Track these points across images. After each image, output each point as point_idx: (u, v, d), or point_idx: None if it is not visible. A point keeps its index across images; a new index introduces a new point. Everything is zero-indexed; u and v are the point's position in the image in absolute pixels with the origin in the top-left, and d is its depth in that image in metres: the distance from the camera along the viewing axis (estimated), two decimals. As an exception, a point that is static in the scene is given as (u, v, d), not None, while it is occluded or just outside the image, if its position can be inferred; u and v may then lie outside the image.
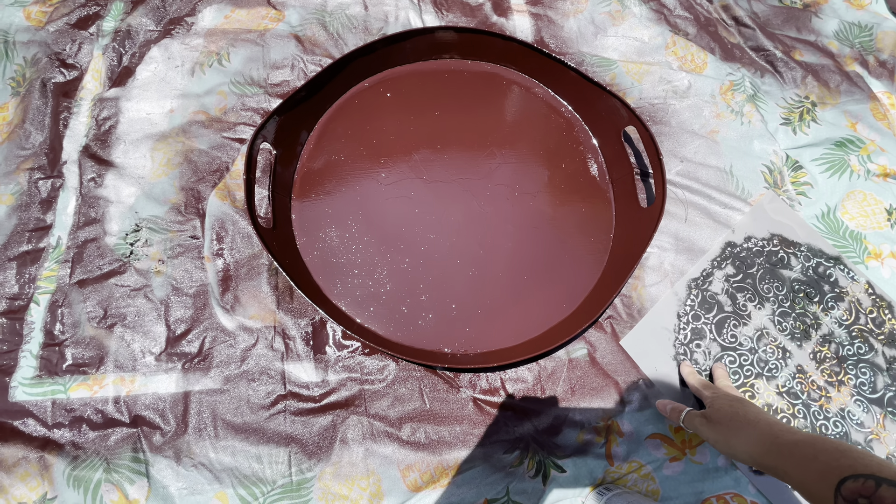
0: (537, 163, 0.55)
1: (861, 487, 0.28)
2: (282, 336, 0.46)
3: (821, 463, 0.30)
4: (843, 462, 0.29)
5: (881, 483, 0.27)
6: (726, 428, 0.36)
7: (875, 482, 0.27)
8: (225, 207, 0.50)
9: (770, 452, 0.33)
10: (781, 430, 0.34)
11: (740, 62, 0.62)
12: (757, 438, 0.34)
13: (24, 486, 0.41)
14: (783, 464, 0.32)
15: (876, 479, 0.27)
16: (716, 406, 0.38)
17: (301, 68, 0.57)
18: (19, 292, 0.47)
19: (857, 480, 0.28)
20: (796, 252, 0.53)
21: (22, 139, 0.52)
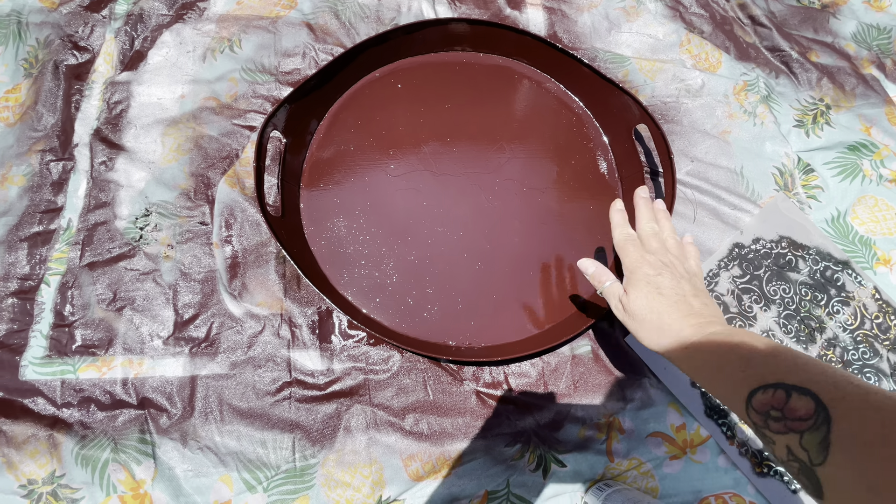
0: (547, 158, 0.55)
1: (772, 399, 0.26)
2: (288, 324, 0.46)
3: (726, 374, 0.29)
4: (749, 372, 0.27)
5: (791, 392, 0.25)
6: (639, 324, 0.35)
7: (785, 392, 0.25)
8: (234, 195, 0.50)
9: (678, 358, 0.32)
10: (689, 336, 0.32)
11: (755, 62, 0.61)
12: (665, 343, 0.33)
13: (34, 462, 0.41)
14: (691, 372, 0.32)
15: (785, 389, 0.25)
16: (635, 299, 0.36)
17: (312, 57, 0.57)
18: (30, 273, 0.47)
19: (767, 392, 0.26)
20: (804, 255, 0.53)
21: (34, 121, 0.52)
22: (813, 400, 0.24)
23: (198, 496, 0.41)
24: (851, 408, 0.23)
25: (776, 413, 0.25)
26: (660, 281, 0.36)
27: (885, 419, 0.22)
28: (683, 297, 0.35)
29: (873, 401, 0.23)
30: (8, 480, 0.41)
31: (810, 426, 0.24)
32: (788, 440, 0.25)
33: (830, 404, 0.24)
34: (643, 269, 0.37)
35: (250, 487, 0.42)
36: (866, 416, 0.23)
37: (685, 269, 0.38)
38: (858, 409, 0.23)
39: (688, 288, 0.36)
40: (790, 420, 0.25)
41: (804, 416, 0.24)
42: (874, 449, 0.22)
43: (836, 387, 0.24)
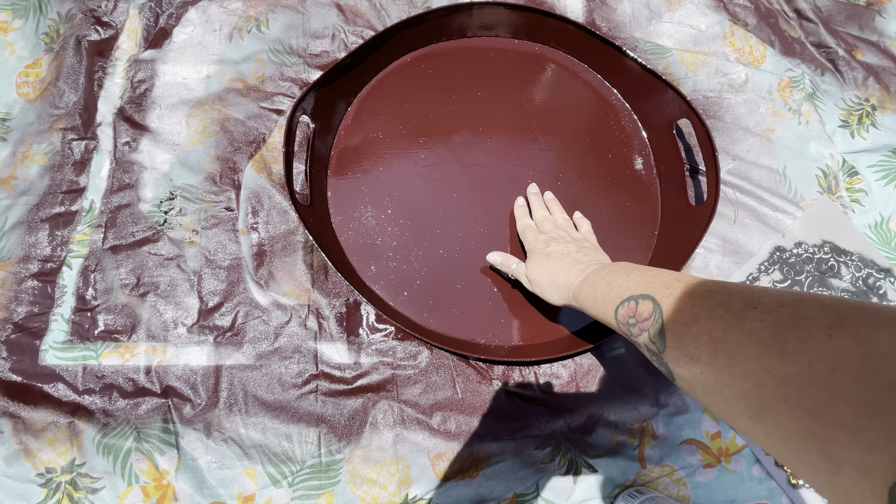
0: (582, 151, 0.53)
1: (628, 310, 0.30)
2: (315, 315, 0.45)
3: (600, 301, 0.33)
4: (612, 294, 0.32)
5: (637, 300, 0.29)
6: (540, 287, 0.41)
7: (635, 301, 0.30)
8: (261, 180, 0.48)
9: (572, 304, 0.37)
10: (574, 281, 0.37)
11: (800, 58, 0.58)
12: (562, 294, 0.38)
13: (53, 451, 0.40)
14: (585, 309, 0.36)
15: (635, 299, 0.30)
16: (532, 268, 0.41)
17: (342, 39, 0.54)
18: (51, 254, 0.46)
19: (624, 305, 0.30)
20: (847, 261, 0.50)
21: (55, 98, 0.50)
22: (651, 301, 0.29)
23: (221, 489, 0.40)
24: (674, 298, 0.27)
25: (632, 320, 0.30)
26: (549, 249, 0.42)
27: (694, 301, 0.26)
28: (568, 254, 0.40)
29: (690, 290, 0.27)
30: (25, 468, 0.40)
31: (652, 322, 0.28)
32: (644, 339, 0.29)
33: (661, 300, 0.28)
34: (537, 247, 0.43)
35: (275, 482, 0.41)
36: (683, 302, 0.27)
37: (571, 237, 0.44)
38: (679, 298, 0.27)
39: (572, 248, 0.41)
40: (641, 322, 0.29)
41: (647, 315, 0.28)
42: (688, 327, 0.26)
43: (667, 286, 0.28)
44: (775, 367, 0.20)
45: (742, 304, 0.24)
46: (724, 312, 0.24)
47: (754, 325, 0.22)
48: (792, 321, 0.21)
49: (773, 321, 0.22)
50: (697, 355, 0.25)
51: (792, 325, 0.21)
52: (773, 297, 0.23)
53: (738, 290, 0.25)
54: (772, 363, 0.21)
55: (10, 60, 0.53)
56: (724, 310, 0.24)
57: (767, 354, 0.21)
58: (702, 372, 0.24)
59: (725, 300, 0.25)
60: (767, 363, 0.21)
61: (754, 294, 0.24)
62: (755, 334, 0.22)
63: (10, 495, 0.39)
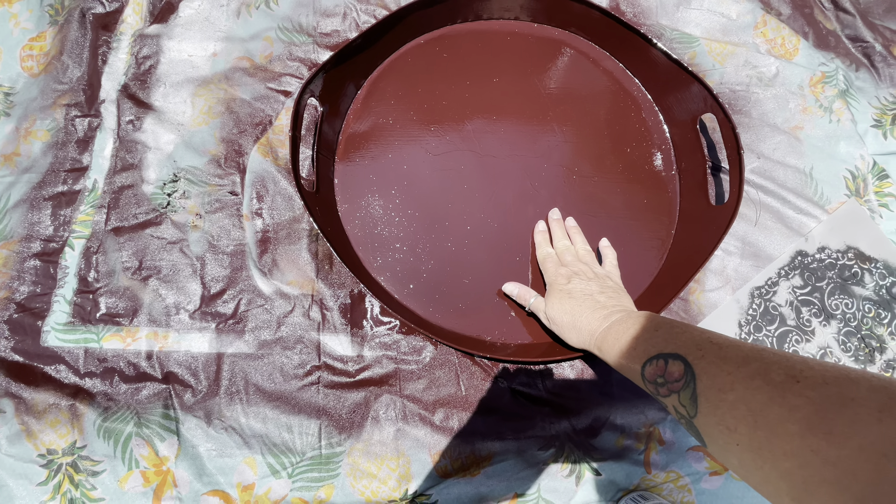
0: (600, 144, 0.49)
1: (656, 369, 0.29)
2: (319, 306, 0.43)
3: (625, 355, 0.31)
4: (639, 350, 0.30)
5: (667, 359, 0.28)
6: (559, 327, 0.39)
7: (664, 360, 0.28)
8: (266, 165, 0.46)
9: (593, 350, 0.36)
10: (597, 328, 0.35)
11: (835, 52, 0.54)
12: (582, 339, 0.37)
13: (54, 432, 0.39)
14: (606, 360, 0.34)
15: (664, 357, 0.28)
16: (552, 306, 0.39)
17: (353, 18, 0.51)
18: (54, 234, 0.44)
19: (652, 363, 0.29)
20: (871, 269, 0.47)
21: (59, 72, 0.48)
22: (682, 362, 0.27)
23: (221, 477, 0.39)
24: (708, 363, 0.26)
25: (661, 380, 0.28)
26: (570, 287, 0.39)
27: (731, 368, 0.25)
28: (591, 295, 0.38)
29: (724, 353, 0.26)
30: (26, 449, 0.39)
31: (683, 385, 0.27)
32: (672, 401, 0.27)
33: (694, 363, 0.26)
34: (558, 281, 0.40)
35: (274, 472, 0.39)
36: (718, 367, 0.25)
37: (594, 273, 0.41)
38: (713, 363, 0.26)
39: (595, 287, 0.39)
40: (670, 383, 0.28)
41: (678, 377, 0.27)
42: (724, 394, 0.24)
43: (699, 347, 0.27)
44: (822, 449, 0.19)
45: (783, 376, 0.22)
46: (764, 383, 0.23)
47: (798, 400, 0.21)
48: (839, 400, 0.20)
49: (818, 398, 0.21)
50: (734, 426, 0.23)
51: (839, 404, 0.20)
52: (817, 372, 0.22)
53: (777, 360, 0.23)
54: (818, 444, 0.19)
55: (15, 33, 0.50)
56: (764, 380, 0.23)
57: (813, 434, 0.20)
58: (738, 444, 0.23)
59: (764, 370, 0.23)
60: (813, 443, 0.19)
61: (795, 366, 0.23)
62: (798, 410, 0.21)
63: (12, 474, 0.38)
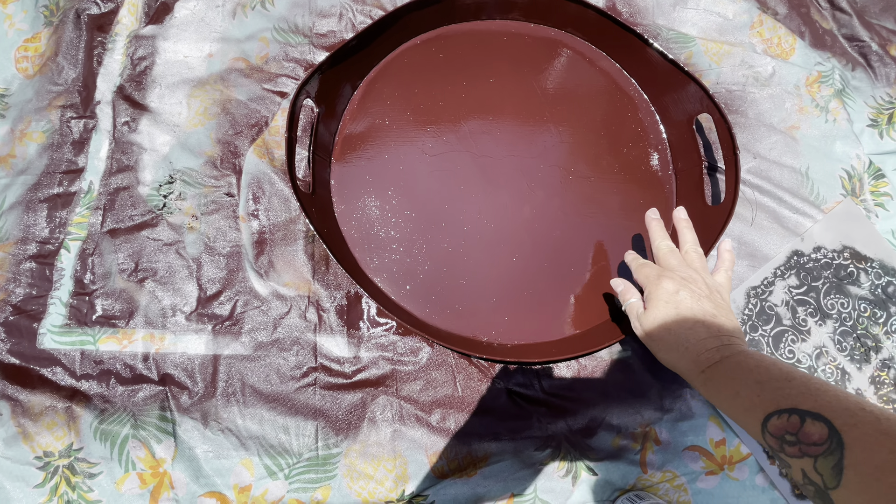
0: (596, 145, 0.49)
1: (786, 424, 0.26)
2: (315, 307, 0.42)
3: (742, 399, 0.28)
4: (764, 397, 0.27)
5: (804, 417, 0.25)
6: (656, 343, 0.34)
7: (799, 417, 0.25)
8: (263, 166, 0.45)
9: (695, 382, 0.32)
10: (706, 360, 0.31)
11: (831, 51, 0.53)
12: (684, 366, 0.32)
13: (50, 435, 0.39)
14: (709, 396, 0.31)
15: (800, 414, 0.25)
16: (652, 318, 0.34)
17: (350, 18, 0.50)
18: (49, 236, 0.43)
19: (781, 417, 0.26)
20: (867, 268, 0.47)
21: (54, 73, 0.47)
22: (826, 425, 0.24)
23: (218, 478, 0.39)
24: (863, 433, 0.23)
25: (791, 437, 0.25)
26: (678, 299, 0.33)
27: (894, 445, 0.22)
28: (703, 314, 0.32)
29: (884, 427, 0.23)
30: (23, 451, 0.38)
31: (824, 451, 0.24)
32: (803, 464, 0.24)
33: (843, 430, 0.23)
34: (663, 285, 0.34)
35: (271, 473, 0.39)
36: (877, 441, 0.22)
37: (706, 285, 0.35)
38: (870, 435, 0.23)
39: (708, 307, 0.33)
40: (804, 445, 0.25)
41: (818, 441, 0.24)
42: (885, 474, 0.22)
43: (849, 412, 0.24)
44: None
45: None
46: None
47: None
48: None
49: None
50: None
51: None
52: None
53: None
54: None
55: (10, 34, 0.49)
56: None
57: None
58: None
59: None
60: None
61: None
62: None
63: (9, 476, 0.38)
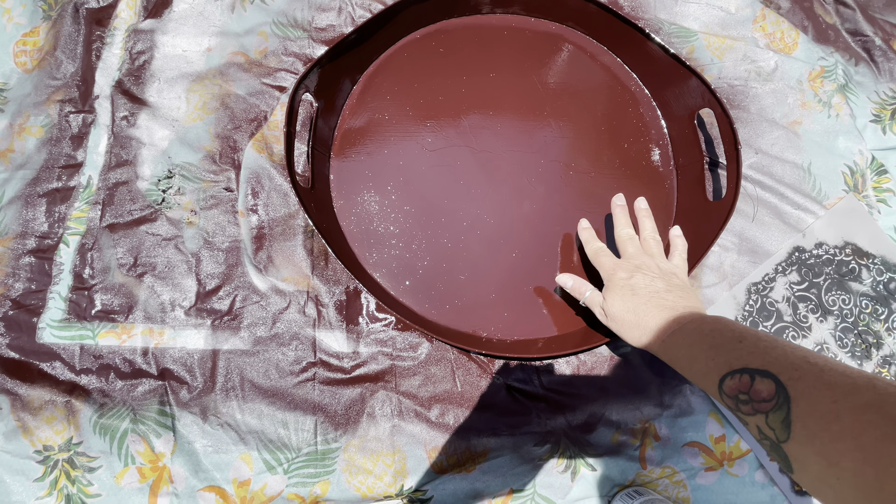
0: (597, 140, 0.48)
1: (739, 384, 0.27)
2: (314, 302, 0.42)
3: (700, 364, 0.29)
4: (718, 360, 0.28)
5: (754, 375, 0.26)
6: (619, 325, 0.36)
7: (749, 376, 0.26)
8: (262, 161, 0.45)
9: (658, 352, 0.33)
10: (665, 331, 0.33)
11: (834, 46, 0.53)
12: (647, 340, 0.34)
13: (50, 429, 0.39)
14: (672, 364, 0.32)
15: (750, 373, 0.26)
16: (612, 303, 0.36)
17: (349, 12, 0.50)
18: (48, 231, 0.43)
19: (734, 377, 0.27)
20: (869, 264, 0.46)
21: (53, 68, 0.47)
22: (774, 382, 0.25)
23: (217, 472, 0.39)
24: (807, 386, 0.24)
25: (744, 396, 0.26)
26: (633, 282, 0.36)
27: (836, 395, 0.23)
28: (657, 293, 0.35)
29: (827, 378, 0.23)
30: (23, 445, 0.38)
31: (773, 406, 0.24)
32: (757, 420, 0.25)
33: (789, 384, 0.24)
34: (618, 275, 0.37)
35: (270, 468, 0.39)
36: (820, 392, 0.23)
37: (659, 267, 0.37)
38: (814, 387, 0.24)
39: (661, 285, 0.35)
40: (756, 402, 0.25)
41: (767, 397, 0.25)
42: (828, 424, 0.22)
43: (794, 367, 0.25)
44: None
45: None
46: (879, 417, 0.21)
47: None
48: None
49: None
50: (837, 459, 0.21)
51: None
52: None
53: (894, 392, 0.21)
54: None
55: (8, 28, 0.49)
56: (878, 413, 0.21)
57: None
58: (839, 478, 0.21)
59: (878, 402, 0.21)
60: None
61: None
62: None
63: (8, 470, 0.38)
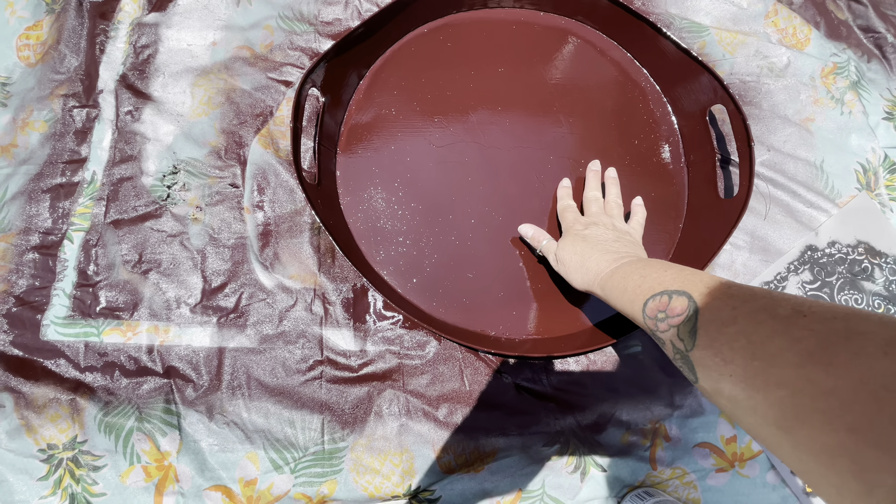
0: (607, 136, 0.48)
1: (658, 304, 0.28)
2: (321, 300, 0.41)
3: (629, 293, 0.31)
4: (644, 287, 0.30)
5: (672, 295, 0.28)
6: (566, 267, 0.38)
7: (668, 296, 0.28)
8: (268, 156, 0.44)
9: (597, 291, 0.35)
10: (604, 269, 0.34)
11: (846, 42, 0.52)
12: (588, 279, 0.36)
13: (55, 427, 0.38)
14: (607, 299, 0.34)
15: (668, 294, 0.28)
16: (563, 247, 0.39)
17: (356, 6, 0.49)
18: (53, 227, 0.42)
19: (655, 299, 0.29)
20: (882, 264, 0.46)
21: (56, 62, 0.46)
22: (686, 297, 0.27)
23: (223, 472, 0.38)
24: (713, 298, 0.25)
25: (662, 315, 0.28)
26: (586, 232, 0.38)
27: (735, 303, 0.24)
28: (605, 241, 0.37)
29: (733, 291, 0.25)
30: (27, 444, 0.38)
31: (684, 319, 0.26)
32: (671, 335, 0.27)
33: (699, 298, 0.26)
34: (575, 227, 0.40)
35: (277, 467, 0.38)
36: (724, 302, 0.25)
37: (615, 226, 0.40)
38: (719, 298, 0.25)
39: (611, 235, 0.38)
40: (671, 318, 0.27)
41: (680, 312, 0.27)
42: (725, 327, 0.24)
43: (706, 285, 0.27)
44: (819, 379, 0.19)
45: (790, 311, 0.22)
46: (769, 317, 0.22)
47: (802, 333, 0.20)
48: (846, 334, 0.19)
49: (823, 331, 0.20)
50: (731, 357, 0.23)
51: (845, 337, 0.19)
52: (826, 308, 0.21)
53: (787, 298, 0.23)
54: (816, 374, 0.19)
55: (11, 22, 0.48)
56: (769, 315, 0.22)
57: (813, 364, 0.19)
58: (731, 374, 0.23)
59: (771, 305, 0.23)
60: (811, 373, 0.19)
61: (804, 303, 0.22)
62: (801, 342, 0.20)
63: (12, 469, 0.38)
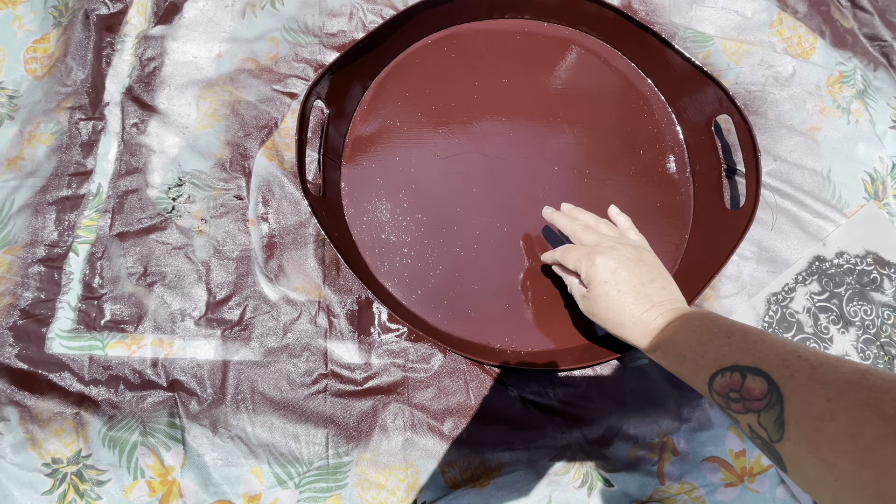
0: (612, 147, 0.47)
1: (729, 382, 0.26)
2: (326, 312, 0.41)
3: (689, 362, 0.29)
4: (707, 358, 0.27)
5: (745, 373, 0.25)
6: (602, 321, 0.34)
7: (740, 374, 0.25)
8: (272, 168, 0.44)
9: (647, 353, 0.32)
10: (653, 330, 0.32)
11: (852, 51, 0.51)
12: (634, 338, 0.33)
13: (59, 441, 0.38)
14: (662, 364, 0.32)
15: (740, 371, 0.25)
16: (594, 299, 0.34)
17: (360, 18, 0.49)
18: (58, 239, 0.42)
19: (724, 375, 0.26)
20: (891, 274, 0.45)
21: (63, 75, 0.46)
22: (765, 379, 0.24)
23: (227, 486, 0.38)
24: (800, 384, 0.23)
25: (735, 395, 0.25)
26: (617, 277, 0.33)
27: (830, 394, 0.22)
28: (641, 286, 0.33)
29: (819, 375, 0.23)
30: (31, 458, 0.37)
31: (765, 405, 0.24)
32: (749, 419, 0.25)
33: (781, 382, 0.23)
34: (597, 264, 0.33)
35: (281, 482, 0.38)
36: (814, 391, 0.22)
37: (632, 246, 0.35)
38: (806, 385, 0.23)
39: (644, 272, 0.33)
40: (747, 401, 0.25)
41: (759, 395, 0.24)
42: (823, 423, 0.21)
43: (786, 364, 0.24)
44: None
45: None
46: (876, 417, 0.20)
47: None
48: None
49: None
50: (833, 460, 0.20)
51: None
52: None
53: (889, 389, 0.20)
54: None
55: (19, 35, 0.48)
56: (875, 413, 0.20)
57: None
58: (836, 480, 0.20)
59: (875, 400, 0.20)
60: None
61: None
62: None
63: (17, 483, 0.37)
